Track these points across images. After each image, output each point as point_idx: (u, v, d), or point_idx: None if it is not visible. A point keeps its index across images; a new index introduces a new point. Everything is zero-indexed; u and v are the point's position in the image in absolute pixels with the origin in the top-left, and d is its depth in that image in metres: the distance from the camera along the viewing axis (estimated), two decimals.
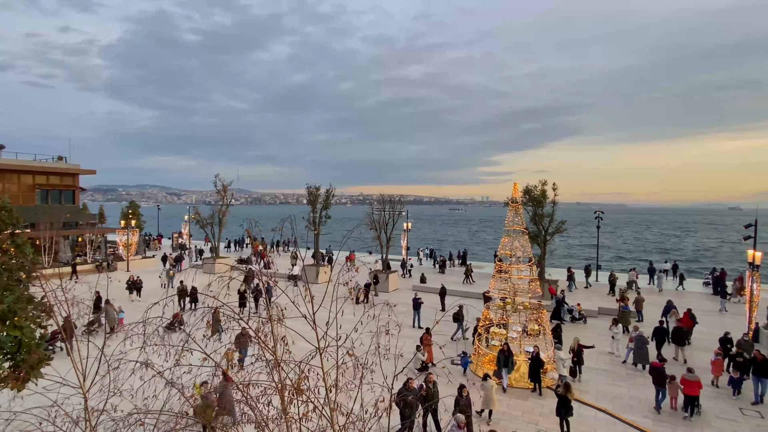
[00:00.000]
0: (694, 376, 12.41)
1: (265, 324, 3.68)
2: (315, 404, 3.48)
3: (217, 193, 34.31)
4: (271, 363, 3.57)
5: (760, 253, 17.04)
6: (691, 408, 12.41)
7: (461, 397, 10.78)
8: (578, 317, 21.43)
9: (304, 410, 3.55)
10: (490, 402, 11.86)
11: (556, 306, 21.32)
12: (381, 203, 29.51)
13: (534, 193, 26.67)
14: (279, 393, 3.41)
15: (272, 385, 3.56)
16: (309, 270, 29.62)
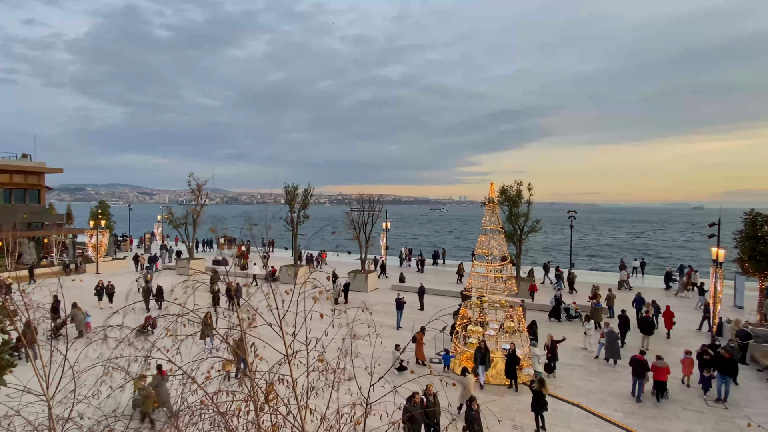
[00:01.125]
0: (663, 363, 13.24)
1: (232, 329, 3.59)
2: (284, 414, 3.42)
3: (191, 193, 33.49)
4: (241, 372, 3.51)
5: (724, 250, 17.80)
6: (660, 393, 13.27)
7: (471, 410, 10.31)
8: (575, 315, 21.99)
9: (274, 420, 3.48)
10: (466, 396, 12.01)
11: (555, 305, 21.93)
12: (360, 203, 29.43)
13: (510, 193, 27.17)
14: (253, 403, 3.33)
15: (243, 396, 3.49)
16: (285, 270, 29.27)
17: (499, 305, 16.44)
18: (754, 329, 17.44)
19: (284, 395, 3.72)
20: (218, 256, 37.99)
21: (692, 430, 11.71)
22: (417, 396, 10.29)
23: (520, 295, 24.04)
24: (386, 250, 36.67)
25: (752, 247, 19.11)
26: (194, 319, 3.66)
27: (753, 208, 20.38)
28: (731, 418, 12.33)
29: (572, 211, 34.66)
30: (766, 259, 18.78)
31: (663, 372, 13.17)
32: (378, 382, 3.85)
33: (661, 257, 64.90)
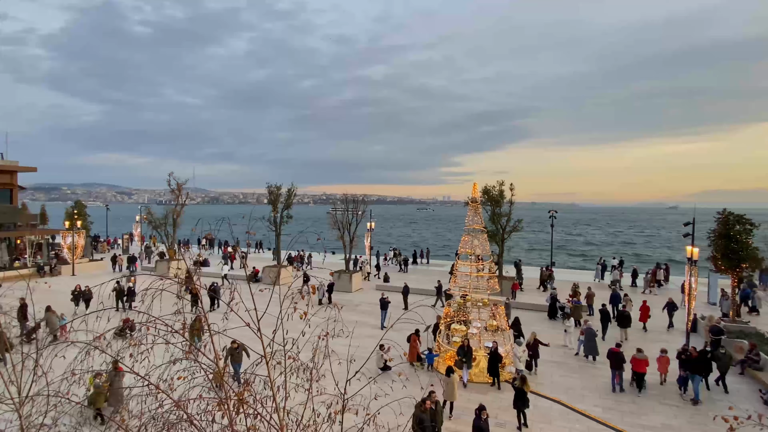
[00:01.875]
0: (642, 355, 13.93)
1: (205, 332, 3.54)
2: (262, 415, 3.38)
3: (171, 192, 32.84)
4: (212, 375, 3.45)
5: (698, 249, 18.34)
6: (639, 383, 13.99)
7: (480, 420, 10.15)
8: (570, 313, 22.26)
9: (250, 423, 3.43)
10: (451, 394, 12.11)
11: (551, 303, 22.33)
12: (344, 202, 29.33)
13: (492, 194, 27.47)
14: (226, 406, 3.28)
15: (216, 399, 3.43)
16: (270, 272, 28.99)
17: (482, 304, 16.61)
18: (726, 325, 18.02)
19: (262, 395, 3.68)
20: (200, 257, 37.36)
21: (669, 423, 12.04)
22: (428, 403, 10.05)
23: (503, 293, 24.35)
24: (371, 250, 36.63)
25: (725, 245, 19.74)
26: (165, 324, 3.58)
27: (725, 207, 21.07)
28: (705, 411, 12.71)
29: (553, 211, 35.25)
30: (738, 257, 19.43)
31: (642, 364, 13.82)
32: (357, 380, 3.85)
33: (637, 254, 66.53)
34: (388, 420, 4.57)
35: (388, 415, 4.65)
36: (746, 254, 19.41)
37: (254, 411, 3.44)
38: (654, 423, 12.04)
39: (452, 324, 16.65)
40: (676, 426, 11.90)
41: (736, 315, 19.76)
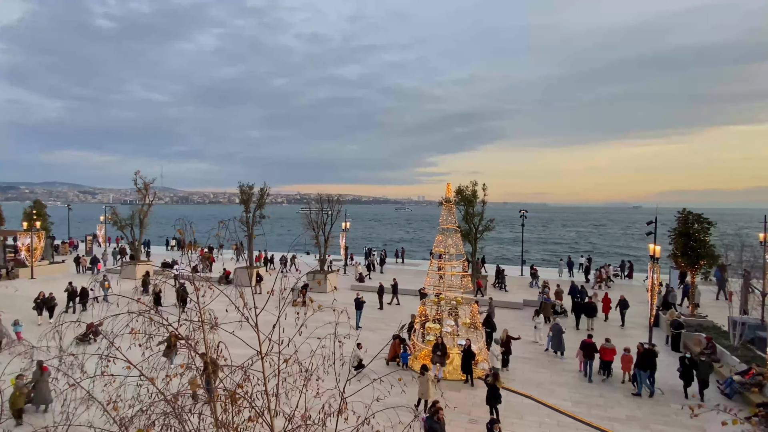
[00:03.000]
0: (610, 345, 14.98)
1: (195, 330, 3.46)
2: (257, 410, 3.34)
3: (137, 192, 31.73)
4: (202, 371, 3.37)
5: (660, 247, 19.19)
6: (607, 371, 15.00)
7: (432, 420, 10.02)
8: (560, 311, 22.94)
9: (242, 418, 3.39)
10: (426, 393, 12.23)
11: (542, 302, 22.71)
12: (319, 202, 29.11)
13: (465, 194, 27.89)
14: (212, 403, 3.22)
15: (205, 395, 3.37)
16: (242, 273, 28.46)
17: (456, 302, 16.84)
18: (686, 319, 18.93)
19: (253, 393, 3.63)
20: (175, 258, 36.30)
21: (633, 415, 12.56)
22: (441, 413, 10.01)
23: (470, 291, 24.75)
24: (346, 250, 36.51)
25: (684, 243, 20.76)
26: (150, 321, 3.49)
27: (685, 207, 22.15)
28: (667, 402, 13.34)
29: (523, 211, 36.15)
30: (696, 254, 20.45)
31: (610, 353, 14.84)
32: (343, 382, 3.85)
33: (603, 252, 68.96)
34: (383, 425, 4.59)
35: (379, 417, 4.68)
36: (704, 252, 20.47)
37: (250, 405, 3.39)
38: (619, 415, 12.53)
39: (427, 323, 16.81)
40: (640, 417, 12.43)
41: (694, 309, 20.78)
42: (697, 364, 13.63)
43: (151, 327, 3.42)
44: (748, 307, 19.67)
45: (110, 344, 3.47)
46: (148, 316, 3.42)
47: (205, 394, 3.43)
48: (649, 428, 11.84)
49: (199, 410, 3.36)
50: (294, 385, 3.77)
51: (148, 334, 3.45)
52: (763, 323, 17.52)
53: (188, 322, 3.52)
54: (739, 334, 16.62)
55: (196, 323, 3.50)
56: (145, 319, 3.43)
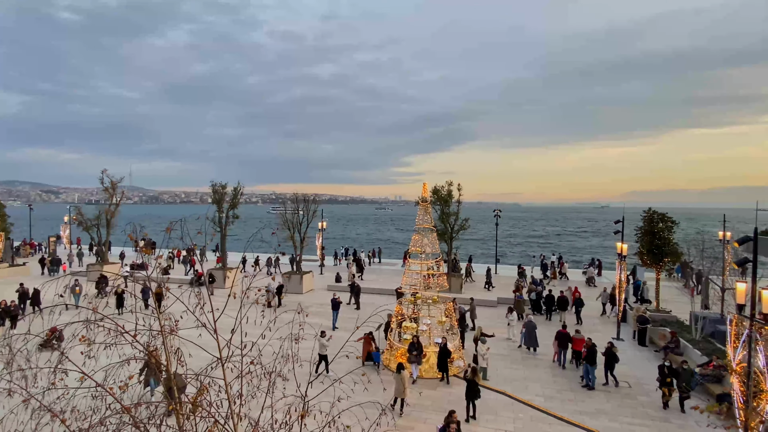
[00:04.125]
0: (580, 336, 16.02)
1: (155, 337, 3.33)
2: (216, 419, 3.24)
3: (104, 191, 30.56)
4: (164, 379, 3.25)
5: (627, 245, 19.87)
6: (577, 360, 15.69)
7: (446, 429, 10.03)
8: (553, 309, 23.40)
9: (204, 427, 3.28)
10: (401, 391, 12.26)
11: (536, 299, 23.28)
12: (294, 202, 28.77)
13: (441, 193, 28.16)
14: (175, 411, 3.11)
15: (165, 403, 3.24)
16: (214, 274, 27.84)
17: (432, 301, 16.97)
18: (651, 315, 19.66)
19: (215, 400, 3.53)
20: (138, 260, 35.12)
21: (602, 408, 12.94)
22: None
23: (451, 290, 25.02)
24: (322, 250, 36.23)
25: (650, 241, 21.57)
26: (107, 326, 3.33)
27: (650, 207, 23.04)
28: (634, 395, 13.81)
29: (497, 210, 36.83)
30: (661, 252, 21.28)
31: (580, 342, 15.65)
32: (316, 382, 3.79)
33: (576, 249, 70.97)
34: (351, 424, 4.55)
35: (349, 418, 4.63)
36: (668, 249, 21.33)
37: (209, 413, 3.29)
38: (589, 408, 12.90)
39: (403, 322, 16.85)
40: (609, 410, 12.83)
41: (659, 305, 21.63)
42: (678, 373, 13.11)
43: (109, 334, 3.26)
44: (709, 302, 20.61)
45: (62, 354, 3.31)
46: (103, 324, 3.26)
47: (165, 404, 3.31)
48: (617, 420, 12.23)
49: (161, 420, 3.23)
50: (258, 389, 3.68)
51: (106, 343, 3.30)
52: (723, 317, 18.38)
53: (149, 329, 3.38)
54: (701, 328, 17.39)
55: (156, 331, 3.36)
56: (102, 326, 3.27)
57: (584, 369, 14.59)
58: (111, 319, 3.27)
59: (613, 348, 14.56)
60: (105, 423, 3.12)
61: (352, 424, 4.46)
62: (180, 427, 3.07)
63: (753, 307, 9.02)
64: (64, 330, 3.44)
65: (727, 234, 22.22)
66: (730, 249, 21.12)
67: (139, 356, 3.36)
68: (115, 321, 3.27)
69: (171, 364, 3.36)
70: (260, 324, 3.91)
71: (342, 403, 4.33)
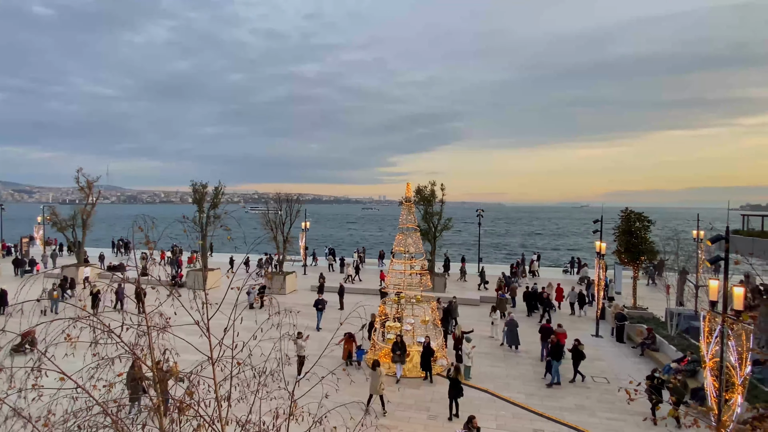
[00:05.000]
0: (562, 330, 16.64)
1: (142, 336, 3.26)
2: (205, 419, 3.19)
3: (79, 191, 29.71)
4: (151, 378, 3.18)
5: (605, 243, 20.32)
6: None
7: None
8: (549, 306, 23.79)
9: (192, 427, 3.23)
10: (376, 388, 12.29)
11: (529, 297, 23.59)
12: (277, 201, 28.49)
13: (424, 193, 28.31)
14: (158, 412, 3.05)
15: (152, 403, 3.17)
16: (195, 275, 27.38)
17: (416, 300, 17.04)
18: (629, 312, 20.15)
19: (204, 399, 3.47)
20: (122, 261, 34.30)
21: (582, 403, 13.22)
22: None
23: (435, 289, 25.15)
24: (305, 250, 35.98)
25: (627, 240, 22.10)
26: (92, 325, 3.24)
27: (628, 206, 23.61)
28: (612, 390, 14.12)
29: (480, 210, 37.23)
30: (638, 250, 21.83)
31: (562, 336, 16.08)
32: (302, 383, 3.76)
33: (555, 248, 72.20)
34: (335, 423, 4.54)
35: (334, 419, 4.61)
36: (644, 248, 21.88)
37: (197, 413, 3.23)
38: (569, 404, 13.16)
39: (387, 321, 16.88)
40: (588, 405, 13.11)
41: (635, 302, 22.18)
42: (671, 388, 12.18)
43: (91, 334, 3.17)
44: (684, 299, 21.24)
45: (41, 354, 3.20)
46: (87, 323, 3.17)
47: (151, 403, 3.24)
48: (596, 416, 12.50)
49: (144, 421, 3.16)
50: (246, 390, 3.64)
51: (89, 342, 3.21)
52: (697, 314, 18.96)
53: (135, 327, 3.30)
54: (676, 324, 17.91)
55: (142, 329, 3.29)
56: (86, 325, 3.18)
57: (547, 365, 14.87)
58: (97, 318, 3.18)
59: (579, 345, 14.91)
60: (84, 426, 3.03)
61: (337, 425, 4.46)
62: (161, 429, 3.01)
63: (725, 303, 9.34)
64: (44, 328, 3.32)
65: (701, 233, 22.95)
66: (703, 247, 21.81)
67: (123, 356, 3.28)
68: (100, 320, 3.18)
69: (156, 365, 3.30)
70: (245, 325, 3.87)
71: (326, 404, 4.31)
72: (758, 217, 20.12)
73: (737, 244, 18.49)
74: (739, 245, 18.77)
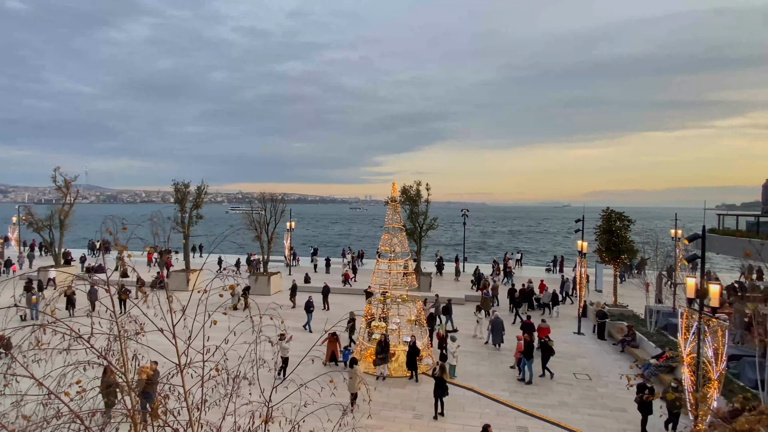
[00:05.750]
0: (545, 324, 17.33)
1: (113, 341, 3.16)
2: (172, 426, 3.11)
3: (57, 190, 28.91)
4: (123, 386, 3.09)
5: (587, 242, 20.67)
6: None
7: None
8: (543, 303, 24.09)
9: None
10: (353, 386, 12.30)
11: (522, 295, 23.71)
12: (262, 201, 28.21)
13: (410, 193, 28.38)
14: (132, 420, 2.96)
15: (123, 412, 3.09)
16: (177, 276, 26.91)
17: (401, 300, 17.05)
18: (609, 309, 20.54)
19: (175, 408, 3.39)
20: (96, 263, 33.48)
21: (564, 400, 13.41)
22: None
23: (420, 289, 25.22)
24: (290, 250, 35.72)
25: (608, 239, 22.52)
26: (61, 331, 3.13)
27: (608, 206, 24.05)
28: (594, 387, 14.38)
29: (465, 210, 37.51)
30: (618, 249, 22.26)
31: (545, 330, 16.91)
32: (284, 387, 3.71)
33: (536, 247, 73.19)
34: (315, 426, 4.49)
35: (313, 421, 4.57)
36: (624, 247, 22.34)
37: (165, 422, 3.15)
38: (552, 401, 13.33)
39: (372, 321, 16.86)
40: (570, 402, 13.30)
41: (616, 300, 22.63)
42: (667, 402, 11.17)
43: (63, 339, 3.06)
44: (663, 296, 21.74)
45: (12, 359, 3.08)
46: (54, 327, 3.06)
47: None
48: (578, 412, 12.69)
49: (117, 427, 3.08)
50: (222, 395, 3.57)
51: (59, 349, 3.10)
52: (675, 311, 19.44)
53: (107, 333, 3.20)
54: (655, 321, 18.32)
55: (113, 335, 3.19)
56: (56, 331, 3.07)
57: (520, 362, 15.02)
58: (63, 322, 3.07)
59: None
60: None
61: (316, 428, 4.41)
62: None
63: (701, 300, 9.59)
64: (11, 334, 3.21)
65: (679, 232, 23.52)
66: (681, 246, 22.36)
67: (95, 361, 3.18)
68: (68, 325, 3.07)
69: (129, 372, 3.20)
70: (224, 327, 3.79)
71: (307, 408, 4.27)
72: (733, 217, 20.70)
73: (713, 243, 19.00)
74: (715, 244, 19.30)
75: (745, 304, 15.03)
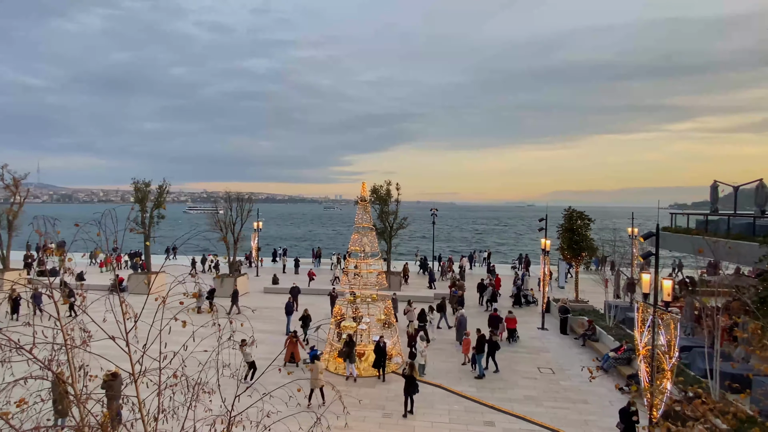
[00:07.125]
0: (512, 316, 18.45)
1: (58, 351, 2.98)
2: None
3: (5, 189, 27.15)
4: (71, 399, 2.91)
5: (549, 241, 21.33)
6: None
7: None
8: (532, 300, 24.96)
9: None
10: (315, 381, 12.33)
11: (516, 292, 24.60)
12: (228, 201, 27.48)
13: (380, 193, 28.42)
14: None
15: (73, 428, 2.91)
16: (136, 279, 25.85)
17: (371, 299, 17.03)
18: (571, 305, 21.28)
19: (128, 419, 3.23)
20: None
21: (530, 394, 13.79)
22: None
23: (391, 288, 25.31)
24: (258, 251, 35.03)
25: (569, 238, 23.33)
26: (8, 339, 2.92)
27: (570, 205, 24.94)
28: (557, 380, 14.85)
29: (434, 209, 37.95)
30: (580, 247, 23.10)
31: (513, 322, 18.09)
32: (248, 396, 3.60)
33: (504, 247, 75.03)
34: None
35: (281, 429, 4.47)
36: (585, 245, 23.20)
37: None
38: (518, 396, 13.69)
39: (342, 322, 16.75)
40: (535, 396, 13.70)
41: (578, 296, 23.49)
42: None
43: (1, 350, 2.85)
44: (620, 292, 22.73)
45: None
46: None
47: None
48: (542, 405, 13.08)
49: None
50: (182, 404, 3.43)
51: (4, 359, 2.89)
52: (632, 305, 20.36)
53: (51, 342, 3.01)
54: (613, 315, 19.13)
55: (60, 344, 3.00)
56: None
57: (473, 358, 15.40)
58: (2, 333, 2.86)
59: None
60: None
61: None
62: None
63: (656, 295, 10.08)
64: None
65: (635, 230, 24.66)
66: (636, 243, 23.45)
67: (38, 374, 2.97)
68: (6, 335, 2.86)
69: (76, 382, 3.02)
70: (182, 333, 3.64)
71: (274, 413, 4.17)
72: (684, 216, 21.93)
73: (666, 240, 20.02)
74: (668, 241, 20.33)
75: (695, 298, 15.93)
